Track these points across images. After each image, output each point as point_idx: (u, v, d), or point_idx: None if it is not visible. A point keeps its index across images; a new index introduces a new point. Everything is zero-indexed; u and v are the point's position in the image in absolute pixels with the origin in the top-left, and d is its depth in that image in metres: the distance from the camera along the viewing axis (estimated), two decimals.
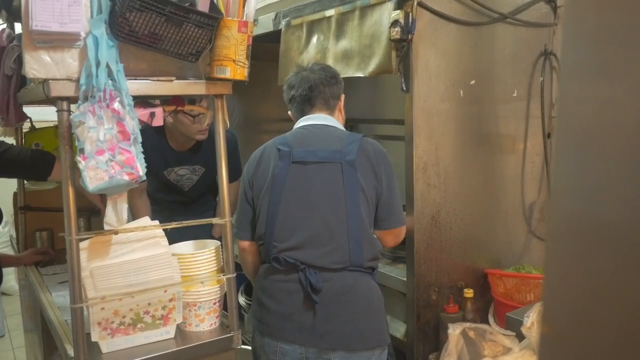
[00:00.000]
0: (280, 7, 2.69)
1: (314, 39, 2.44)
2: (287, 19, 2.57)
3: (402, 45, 1.97)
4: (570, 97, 0.29)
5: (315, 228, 1.74)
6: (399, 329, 2.27)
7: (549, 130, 2.41)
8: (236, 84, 1.58)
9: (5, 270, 4.69)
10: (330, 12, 2.32)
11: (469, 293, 2.10)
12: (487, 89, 2.23)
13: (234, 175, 2.29)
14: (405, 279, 2.14)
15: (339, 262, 1.73)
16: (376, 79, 2.76)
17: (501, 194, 2.38)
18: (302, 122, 1.92)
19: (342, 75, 2.24)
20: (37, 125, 2.58)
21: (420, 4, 1.94)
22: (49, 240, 2.59)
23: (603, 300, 0.28)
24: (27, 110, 2.22)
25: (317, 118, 1.91)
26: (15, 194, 2.64)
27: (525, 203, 2.48)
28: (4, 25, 2.21)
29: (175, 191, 2.74)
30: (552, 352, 0.31)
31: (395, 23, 1.96)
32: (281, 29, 2.61)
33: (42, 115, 2.43)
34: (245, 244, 1.91)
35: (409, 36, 1.95)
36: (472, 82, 2.16)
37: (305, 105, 1.92)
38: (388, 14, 2.00)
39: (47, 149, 2.51)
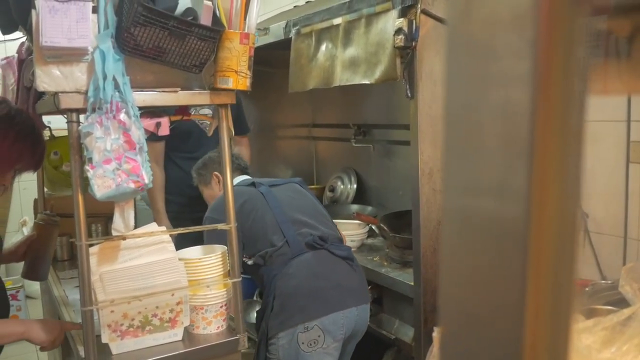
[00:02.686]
0: (291, 16, 2.74)
1: (323, 47, 2.48)
2: (297, 27, 2.62)
3: (407, 53, 2.00)
4: (452, 103, 0.33)
5: (314, 217, 2.25)
6: (407, 333, 2.29)
7: None
8: (253, 91, 1.66)
9: (27, 280, 4.80)
10: (338, 21, 2.36)
11: None
12: None
13: (247, 128, 3.24)
14: (412, 284, 2.17)
15: (339, 238, 2.26)
16: (389, 84, 2.79)
17: None
18: (239, 179, 2.46)
19: (350, 83, 2.29)
20: (57, 134, 2.67)
21: (423, 12, 1.97)
22: (68, 245, 2.68)
23: (486, 293, 0.31)
24: (50, 117, 2.29)
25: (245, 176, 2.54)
26: (35, 201, 2.73)
27: None
28: (24, 39, 2.30)
29: (202, 138, 2.87)
30: (449, 349, 0.33)
31: (399, 31, 1.99)
32: (291, 37, 2.66)
33: (62, 123, 2.51)
34: None
35: (413, 43, 1.98)
36: None
37: (236, 170, 2.52)
38: (392, 21, 2.03)
39: (66, 157, 2.60)
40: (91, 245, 1.51)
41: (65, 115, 1.46)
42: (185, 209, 2.96)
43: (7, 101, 1.84)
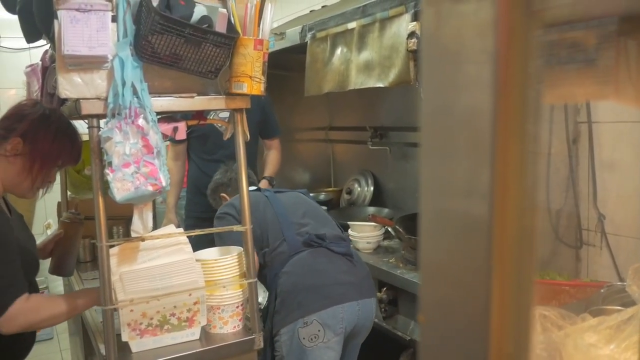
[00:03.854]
0: (306, 21, 2.78)
1: (338, 51, 2.52)
2: (313, 32, 2.66)
3: (420, 56, 2.02)
4: (427, 109, 0.35)
5: (316, 219, 2.31)
6: None
7: (574, 136, 2.40)
8: (271, 94, 1.71)
9: (54, 275, 4.92)
10: (352, 25, 2.39)
11: None
12: None
13: (276, 131, 3.20)
14: None
15: (339, 236, 2.29)
16: (405, 87, 2.81)
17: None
18: (253, 187, 2.36)
19: (364, 86, 2.32)
20: None
21: None
22: (90, 246, 2.75)
23: (458, 282, 0.33)
24: (73, 123, 2.35)
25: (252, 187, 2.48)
26: (59, 204, 2.81)
27: (552, 210, 2.47)
28: (47, 47, 2.37)
29: (218, 141, 2.88)
30: (428, 335, 0.36)
31: (412, 34, 2.01)
32: (307, 41, 2.70)
33: (84, 127, 2.57)
34: None
35: None
36: None
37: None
38: (406, 25, 2.06)
39: (88, 161, 2.66)
40: (111, 246, 1.56)
41: (86, 121, 1.51)
42: (203, 209, 3.03)
43: (40, 102, 1.91)
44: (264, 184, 3.15)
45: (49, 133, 1.72)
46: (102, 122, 1.53)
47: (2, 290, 1.56)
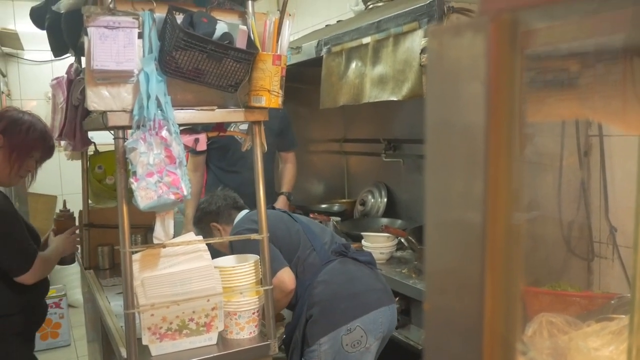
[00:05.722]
0: (322, 35, 2.85)
1: (353, 65, 2.58)
2: (328, 46, 2.73)
3: None
4: (431, 126, 0.40)
5: (329, 232, 2.40)
6: None
7: (585, 148, 2.43)
8: (287, 106, 1.79)
9: (71, 283, 5.03)
10: (367, 40, 2.45)
11: None
12: None
13: (293, 144, 3.35)
14: None
15: (360, 247, 2.50)
16: (418, 100, 2.86)
17: (538, 212, 2.41)
18: (241, 214, 2.43)
19: (378, 99, 2.37)
20: (101, 149, 2.82)
21: None
22: (110, 254, 2.82)
23: (458, 277, 0.38)
24: (93, 133, 2.44)
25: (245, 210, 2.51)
26: (80, 212, 2.89)
27: (564, 222, 2.49)
28: (72, 60, 2.47)
29: (238, 153, 2.96)
30: (432, 320, 0.41)
31: (425, 49, 2.07)
32: (323, 55, 2.77)
33: (105, 138, 2.66)
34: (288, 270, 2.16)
35: None
36: None
37: (233, 210, 2.46)
38: (419, 40, 2.12)
39: (109, 171, 2.75)
40: (134, 252, 1.62)
41: (112, 132, 1.58)
42: None
43: (13, 107, 2.26)
44: (282, 200, 3.21)
45: (22, 128, 2.10)
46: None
47: (26, 249, 2.06)
